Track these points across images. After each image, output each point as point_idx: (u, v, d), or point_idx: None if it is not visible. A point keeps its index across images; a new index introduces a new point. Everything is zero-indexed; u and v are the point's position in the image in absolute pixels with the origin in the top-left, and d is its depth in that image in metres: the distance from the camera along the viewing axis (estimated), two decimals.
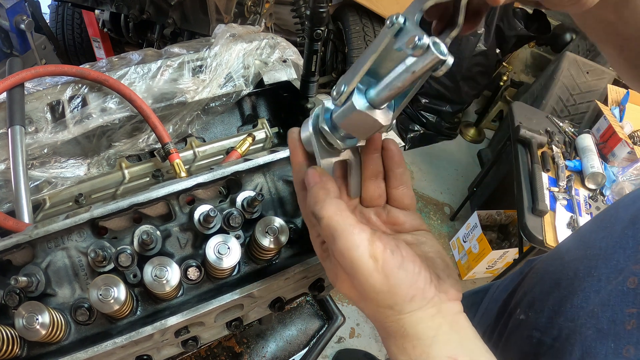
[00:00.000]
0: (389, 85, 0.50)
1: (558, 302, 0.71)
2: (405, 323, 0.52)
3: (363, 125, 0.54)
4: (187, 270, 0.72)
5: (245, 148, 1.13)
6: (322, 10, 1.02)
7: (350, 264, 0.51)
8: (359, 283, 0.52)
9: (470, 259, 2.95)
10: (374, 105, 0.52)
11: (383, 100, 0.52)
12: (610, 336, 0.59)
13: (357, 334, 2.43)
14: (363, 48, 2.86)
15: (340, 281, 0.57)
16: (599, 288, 0.65)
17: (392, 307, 0.52)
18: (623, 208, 0.71)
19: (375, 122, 0.53)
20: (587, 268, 0.69)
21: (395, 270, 0.50)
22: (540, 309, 0.75)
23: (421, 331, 0.51)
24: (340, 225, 0.51)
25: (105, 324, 0.69)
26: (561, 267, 0.75)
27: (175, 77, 1.11)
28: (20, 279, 0.62)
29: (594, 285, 0.66)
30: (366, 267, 0.50)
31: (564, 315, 0.68)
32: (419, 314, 0.52)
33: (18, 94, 0.94)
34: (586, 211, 2.17)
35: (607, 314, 0.61)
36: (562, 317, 0.69)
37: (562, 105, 3.00)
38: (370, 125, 0.53)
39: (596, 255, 0.69)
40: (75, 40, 3.04)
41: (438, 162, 3.80)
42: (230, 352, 1.19)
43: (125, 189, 1.10)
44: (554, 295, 0.73)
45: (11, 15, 2.11)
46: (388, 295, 0.51)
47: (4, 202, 0.94)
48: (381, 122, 0.53)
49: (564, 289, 0.71)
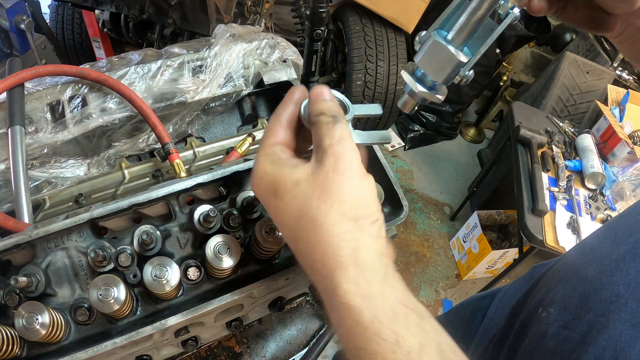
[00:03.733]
0: (465, 14, 0.56)
1: (584, 297, 0.69)
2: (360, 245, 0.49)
3: (439, 60, 0.59)
4: (187, 270, 0.72)
5: (245, 148, 1.13)
6: (322, 10, 1.02)
7: (347, 160, 0.51)
8: (340, 181, 0.50)
9: (470, 259, 2.95)
10: (450, 42, 0.58)
11: (459, 34, 0.58)
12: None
13: None
14: (363, 48, 2.85)
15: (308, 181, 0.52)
16: (628, 282, 0.63)
17: (356, 221, 0.50)
18: None
19: (450, 55, 0.57)
20: (613, 263, 0.67)
21: (373, 192, 0.53)
22: (564, 305, 0.73)
23: (373, 263, 0.49)
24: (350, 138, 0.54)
25: (105, 324, 0.69)
26: (585, 264, 0.73)
27: (175, 77, 1.11)
28: (20, 279, 0.62)
29: (623, 279, 0.64)
30: (359, 171, 0.52)
31: (593, 311, 0.66)
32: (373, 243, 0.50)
33: (18, 94, 0.94)
34: (586, 211, 2.17)
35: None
36: (590, 312, 0.67)
37: (562, 105, 3.00)
38: (446, 58, 0.58)
39: (624, 250, 0.67)
40: (75, 40, 3.04)
41: (438, 162, 3.80)
42: (230, 352, 1.19)
43: (125, 189, 1.10)
44: (578, 291, 0.71)
45: (11, 15, 2.11)
46: (359, 203, 0.51)
47: (4, 202, 0.94)
48: (455, 55, 0.57)
49: (590, 285, 0.69)
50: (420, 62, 0.60)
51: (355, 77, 2.88)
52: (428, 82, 0.61)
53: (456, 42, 0.58)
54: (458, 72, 0.59)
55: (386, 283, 0.49)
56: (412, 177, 3.62)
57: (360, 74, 2.87)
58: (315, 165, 0.53)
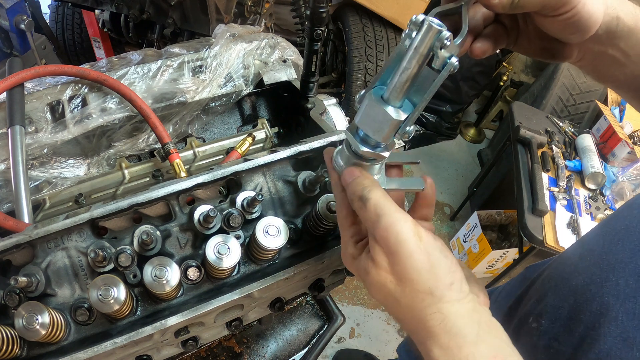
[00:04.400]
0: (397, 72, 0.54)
1: (574, 309, 0.69)
2: (446, 314, 0.51)
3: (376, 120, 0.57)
4: (187, 270, 0.72)
5: (245, 148, 1.13)
6: (322, 10, 1.02)
7: (395, 239, 0.52)
8: (400, 261, 0.52)
9: (470, 259, 2.95)
10: (387, 101, 0.56)
11: (394, 93, 0.55)
12: (636, 345, 0.58)
13: (357, 334, 2.43)
14: (363, 48, 2.85)
15: (377, 268, 0.55)
16: (618, 293, 0.63)
17: (432, 292, 0.51)
18: (637, 210, 0.69)
19: (385, 115, 0.55)
20: (603, 273, 0.67)
21: (437, 252, 0.52)
22: (554, 317, 0.73)
23: (463, 327, 0.50)
24: (387, 205, 0.54)
25: (105, 324, 0.69)
26: (575, 274, 0.73)
27: (175, 77, 1.11)
28: (20, 279, 0.62)
29: (612, 290, 0.64)
30: (411, 242, 0.52)
31: (584, 324, 0.66)
32: (459, 306, 0.51)
33: (18, 94, 0.94)
34: (586, 211, 2.17)
35: (633, 323, 0.59)
36: (581, 325, 0.66)
37: (562, 105, 3.00)
38: (382, 119, 0.56)
39: (612, 259, 0.67)
40: (75, 40, 3.04)
41: (438, 162, 3.80)
42: (230, 352, 1.19)
43: (125, 189, 1.10)
44: (568, 302, 0.71)
45: (11, 15, 2.10)
46: (428, 276, 0.51)
47: (4, 202, 0.94)
48: (390, 115, 0.55)
49: (580, 296, 0.69)
50: (359, 122, 0.59)
51: (355, 77, 2.88)
52: (372, 142, 0.60)
53: (393, 99, 0.56)
54: (398, 130, 0.58)
55: (478, 342, 0.50)
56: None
57: (360, 74, 2.87)
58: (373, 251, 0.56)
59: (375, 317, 2.51)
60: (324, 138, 0.86)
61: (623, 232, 0.68)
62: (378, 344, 2.42)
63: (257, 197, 0.73)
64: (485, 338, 0.50)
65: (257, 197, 0.73)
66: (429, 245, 0.52)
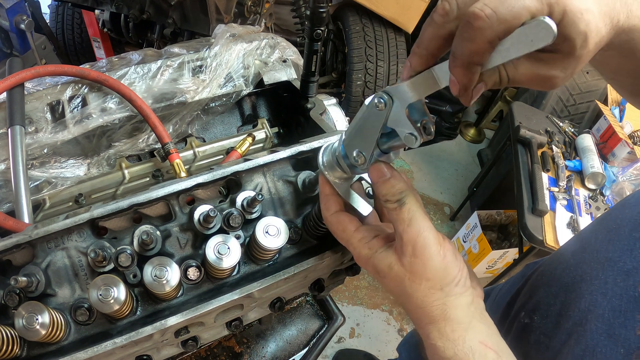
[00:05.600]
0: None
1: (564, 305, 0.71)
2: (448, 306, 0.60)
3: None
4: (187, 270, 0.71)
5: (245, 148, 1.13)
6: (322, 10, 1.02)
7: (422, 243, 0.60)
8: (422, 263, 0.60)
9: (470, 259, 2.95)
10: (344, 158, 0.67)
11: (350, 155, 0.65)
12: (620, 341, 0.59)
13: (357, 334, 2.43)
14: (363, 48, 2.85)
15: (400, 265, 0.63)
16: (606, 291, 0.65)
17: (442, 289, 0.60)
18: (629, 209, 0.70)
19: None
20: (593, 271, 0.68)
21: (451, 255, 0.61)
22: (546, 313, 0.75)
23: (460, 316, 0.60)
24: (419, 211, 0.62)
25: (105, 324, 0.69)
26: (567, 271, 0.75)
27: (175, 77, 1.11)
28: (20, 279, 0.62)
29: (600, 287, 0.66)
30: (434, 247, 0.60)
31: (572, 320, 0.68)
32: (460, 299, 0.61)
33: (18, 94, 0.94)
34: (586, 211, 2.17)
35: (618, 320, 0.61)
36: (569, 321, 0.68)
37: (562, 105, 3.00)
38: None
39: (603, 258, 0.68)
40: (75, 40, 3.04)
41: (438, 162, 3.80)
42: (230, 352, 1.19)
43: (125, 189, 1.10)
44: (559, 298, 0.73)
45: (11, 15, 2.11)
46: (442, 275, 0.60)
47: (4, 202, 0.94)
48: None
49: (570, 293, 0.71)
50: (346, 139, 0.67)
51: (355, 77, 2.88)
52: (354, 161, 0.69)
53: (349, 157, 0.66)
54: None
55: (470, 328, 0.59)
56: (412, 177, 3.62)
57: (360, 74, 2.87)
58: (400, 250, 0.63)
59: (375, 317, 2.52)
60: (324, 138, 0.86)
61: (614, 231, 0.69)
62: (378, 344, 2.42)
63: (257, 197, 0.73)
64: (476, 325, 0.60)
65: (257, 197, 0.73)
66: (446, 250, 0.61)
